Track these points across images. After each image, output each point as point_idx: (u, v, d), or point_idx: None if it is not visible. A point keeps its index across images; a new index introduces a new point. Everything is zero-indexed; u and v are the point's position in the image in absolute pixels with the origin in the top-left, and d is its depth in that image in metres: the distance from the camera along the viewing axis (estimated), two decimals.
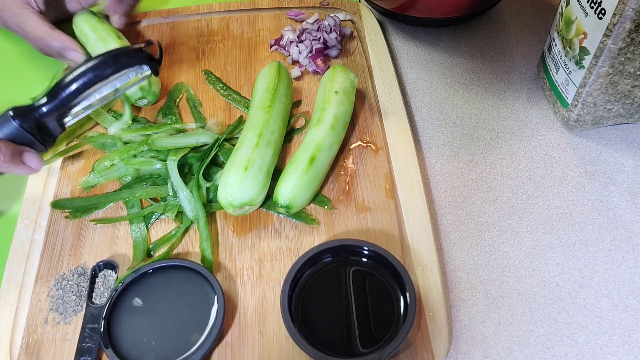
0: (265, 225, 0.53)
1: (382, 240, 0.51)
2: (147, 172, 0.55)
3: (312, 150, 0.53)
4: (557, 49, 0.58)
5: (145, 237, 0.52)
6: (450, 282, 0.50)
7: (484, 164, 0.58)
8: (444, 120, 0.62)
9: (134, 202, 0.54)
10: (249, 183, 0.50)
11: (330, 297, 0.46)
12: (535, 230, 0.53)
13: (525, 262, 0.51)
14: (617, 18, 0.48)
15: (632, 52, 0.50)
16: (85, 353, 0.45)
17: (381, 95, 0.62)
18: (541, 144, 0.59)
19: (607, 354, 0.46)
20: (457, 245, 0.52)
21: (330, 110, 0.55)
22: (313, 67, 0.65)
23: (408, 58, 0.69)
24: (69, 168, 0.58)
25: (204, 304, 0.47)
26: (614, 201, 0.55)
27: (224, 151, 0.56)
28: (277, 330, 0.46)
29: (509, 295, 0.49)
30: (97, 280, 0.50)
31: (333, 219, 0.53)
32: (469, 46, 0.70)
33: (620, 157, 0.58)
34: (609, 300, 0.48)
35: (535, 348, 0.46)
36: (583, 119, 0.58)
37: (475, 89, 0.65)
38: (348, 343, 0.44)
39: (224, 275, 0.50)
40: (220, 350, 0.46)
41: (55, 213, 0.54)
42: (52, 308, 0.48)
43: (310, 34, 0.67)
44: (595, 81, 0.54)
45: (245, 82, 0.65)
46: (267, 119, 0.55)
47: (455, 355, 0.46)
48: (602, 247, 0.52)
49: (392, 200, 0.54)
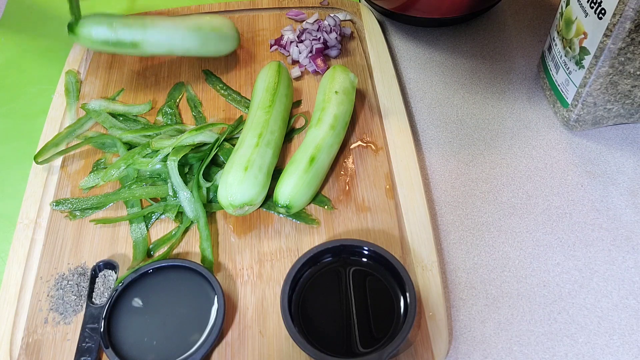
0: (265, 225, 0.53)
1: (382, 240, 0.51)
2: (147, 172, 0.55)
3: (312, 150, 0.53)
4: (557, 49, 0.58)
5: (145, 237, 0.52)
6: (450, 282, 0.50)
7: (484, 164, 0.58)
8: (444, 120, 0.62)
9: (134, 202, 0.54)
10: (249, 183, 0.50)
11: (330, 297, 0.46)
12: (535, 230, 0.53)
13: (525, 262, 0.51)
14: (617, 18, 0.48)
15: (632, 52, 0.50)
16: (85, 353, 0.45)
17: (381, 95, 0.62)
18: (541, 144, 0.59)
19: (607, 354, 0.46)
20: (457, 245, 0.52)
21: (330, 110, 0.55)
22: (313, 67, 0.65)
23: (408, 58, 0.69)
24: (69, 168, 0.58)
25: (204, 304, 0.47)
26: (614, 201, 0.55)
27: (224, 151, 0.56)
28: (277, 330, 0.46)
29: (509, 295, 0.49)
30: (97, 280, 0.50)
31: (333, 219, 0.53)
32: (469, 46, 0.70)
33: (620, 157, 0.58)
34: (609, 300, 0.48)
35: (535, 348, 0.46)
36: (583, 119, 0.58)
37: (475, 89, 0.65)
38: (348, 343, 0.44)
39: (224, 275, 0.50)
40: (220, 350, 0.46)
41: (55, 213, 0.54)
42: (52, 308, 0.48)
43: (310, 34, 0.67)
44: (595, 81, 0.54)
45: (245, 82, 0.65)
46: (267, 119, 0.55)
47: (455, 355, 0.46)
48: (602, 247, 0.52)
49: (392, 200, 0.54)
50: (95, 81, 0.66)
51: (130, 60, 0.68)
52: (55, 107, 0.63)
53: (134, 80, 0.66)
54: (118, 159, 0.55)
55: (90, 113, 0.61)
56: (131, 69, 0.67)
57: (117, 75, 0.66)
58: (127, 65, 0.67)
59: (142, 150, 0.55)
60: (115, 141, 0.57)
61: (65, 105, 0.63)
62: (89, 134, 0.60)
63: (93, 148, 0.59)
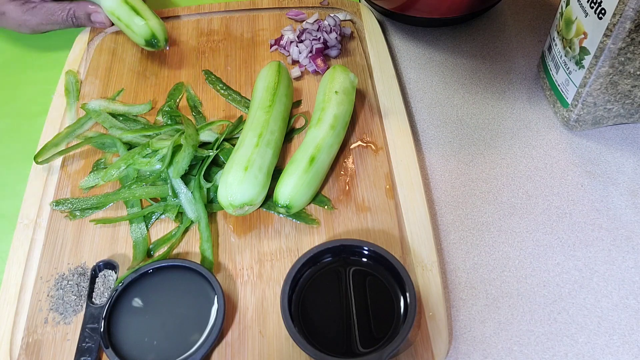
0: (265, 225, 0.53)
1: (382, 240, 0.51)
2: (147, 172, 0.55)
3: (312, 150, 0.53)
4: (557, 49, 0.58)
5: (145, 237, 0.52)
6: (450, 282, 0.50)
7: (484, 164, 0.58)
8: (444, 120, 0.62)
9: (134, 202, 0.54)
10: (249, 183, 0.50)
11: (330, 297, 0.46)
12: (535, 230, 0.53)
13: (525, 262, 0.51)
14: (617, 18, 0.48)
15: (632, 52, 0.50)
16: (85, 353, 0.45)
17: (381, 95, 0.62)
18: (541, 144, 0.59)
19: (607, 354, 0.46)
20: (457, 245, 0.52)
21: (330, 110, 0.55)
22: (313, 67, 0.65)
23: (408, 58, 0.69)
24: (69, 168, 0.58)
25: (204, 304, 0.47)
26: (614, 201, 0.55)
27: (224, 151, 0.56)
28: (277, 330, 0.46)
29: (509, 295, 0.49)
30: (97, 280, 0.50)
31: (333, 219, 0.53)
32: (469, 46, 0.70)
33: (620, 157, 0.58)
34: (609, 300, 0.48)
35: (535, 348, 0.46)
36: (583, 119, 0.58)
37: (475, 89, 0.65)
38: (348, 343, 0.44)
39: (224, 275, 0.50)
40: (220, 350, 0.46)
41: (55, 213, 0.54)
42: (52, 308, 0.48)
43: (310, 34, 0.67)
44: (595, 81, 0.54)
45: (245, 82, 0.65)
46: (267, 118, 0.55)
47: (455, 355, 0.46)
48: (602, 247, 0.52)
49: (392, 200, 0.54)
50: (95, 81, 0.66)
51: (130, 60, 0.68)
52: (55, 107, 0.63)
53: (134, 80, 0.66)
54: (118, 159, 0.55)
55: (90, 113, 0.61)
56: (131, 69, 0.67)
57: (117, 75, 0.66)
58: (127, 65, 0.67)
59: (142, 150, 0.55)
60: (115, 141, 0.57)
61: (65, 105, 0.63)
62: (89, 134, 0.60)
63: (93, 148, 0.59)
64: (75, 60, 0.68)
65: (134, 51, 0.69)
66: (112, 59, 0.68)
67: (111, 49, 0.69)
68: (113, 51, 0.69)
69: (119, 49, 0.69)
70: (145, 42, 0.64)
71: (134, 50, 0.69)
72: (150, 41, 0.64)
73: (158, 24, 0.64)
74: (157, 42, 0.64)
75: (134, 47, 0.69)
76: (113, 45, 0.69)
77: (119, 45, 0.69)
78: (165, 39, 0.65)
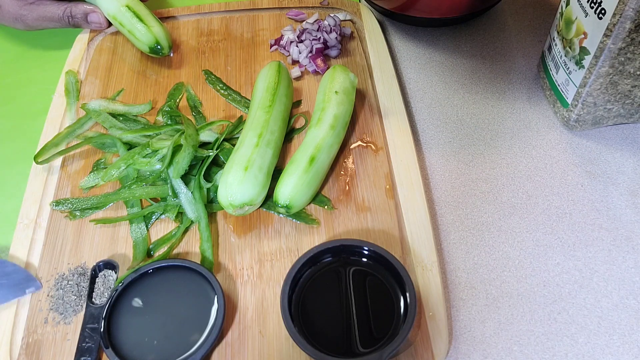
0: (265, 225, 0.53)
1: (382, 240, 0.51)
2: (147, 172, 0.55)
3: (312, 150, 0.53)
4: (557, 49, 0.58)
5: (145, 237, 0.52)
6: (450, 282, 0.50)
7: (484, 164, 0.58)
8: (444, 120, 0.62)
9: (134, 202, 0.54)
10: (249, 183, 0.50)
11: (330, 297, 0.46)
12: (535, 230, 0.53)
13: (525, 262, 0.51)
14: (617, 18, 0.48)
15: (632, 52, 0.50)
16: (85, 353, 0.45)
17: (381, 95, 0.62)
18: (541, 144, 0.59)
19: (607, 354, 0.46)
20: (457, 245, 0.52)
21: (330, 110, 0.55)
22: (313, 67, 0.65)
23: (408, 58, 0.69)
24: (69, 168, 0.58)
25: (204, 304, 0.47)
26: (614, 201, 0.55)
27: (224, 151, 0.56)
28: (277, 330, 0.46)
29: (509, 295, 0.49)
30: (97, 280, 0.50)
31: (333, 219, 0.53)
32: (469, 46, 0.70)
33: (620, 157, 0.58)
34: (609, 300, 0.48)
35: (535, 348, 0.46)
36: (583, 119, 0.58)
37: (475, 89, 0.65)
38: (348, 343, 0.44)
39: (224, 275, 0.50)
40: (220, 350, 0.46)
41: (55, 213, 0.54)
42: (52, 308, 0.48)
43: (310, 34, 0.67)
44: (595, 81, 0.54)
45: (245, 82, 0.65)
46: (267, 118, 0.55)
47: (455, 355, 0.46)
48: (602, 247, 0.52)
49: (392, 200, 0.54)
50: (95, 81, 0.66)
51: (130, 60, 0.68)
52: (55, 107, 0.63)
53: (134, 80, 0.66)
54: (118, 159, 0.55)
55: (90, 113, 0.61)
56: (131, 69, 0.67)
57: (117, 75, 0.66)
58: (127, 65, 0.67)
59: (142, 150, 0.55)
60: (115, 141, 0.57)
61: (65, 105, 0.63)
62: (89, 134, 0.60)
63: (93, 148, 0.59)
64: (75, 60, 0.68)
65: (134, 51, 0.69)
66: (112, 59, 0.68)
67: (111, 48, 0.69)
68: (113, 51, 0.69)
69: (119, 49, 0.69)
70: (149, 49, 0.64)
71: (134, 50, 0.69)
72: (154, 48, 0.64)
73: (162, 30, 0.64)
74: (161, 49, 0.64)
75: (134, 47, 0.69)
76: (113, 45, 0.69)
77: (119, 45, 0.69)
78: (169, 45, 0.65)
